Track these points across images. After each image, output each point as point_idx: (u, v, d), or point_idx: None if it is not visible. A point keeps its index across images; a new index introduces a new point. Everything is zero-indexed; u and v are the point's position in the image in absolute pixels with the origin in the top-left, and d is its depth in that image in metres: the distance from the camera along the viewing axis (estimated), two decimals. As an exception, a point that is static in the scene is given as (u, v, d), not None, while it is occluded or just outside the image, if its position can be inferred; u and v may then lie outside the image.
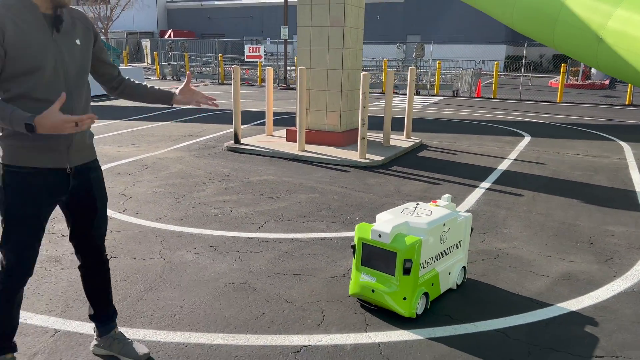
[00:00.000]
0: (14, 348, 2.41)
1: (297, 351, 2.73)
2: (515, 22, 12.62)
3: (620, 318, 3.16)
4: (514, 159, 7.98)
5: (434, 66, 20.31)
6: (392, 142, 8.69)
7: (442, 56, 23.37)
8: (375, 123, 10.99)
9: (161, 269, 3.72)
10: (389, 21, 39.81)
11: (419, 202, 3.53)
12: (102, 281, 2.57)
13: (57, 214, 4.61)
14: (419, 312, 3.09)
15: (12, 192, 2.13)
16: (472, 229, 3.64)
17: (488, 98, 18.68)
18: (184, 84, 2.54)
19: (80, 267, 2.55)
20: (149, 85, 2.57)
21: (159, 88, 2.58)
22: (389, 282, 3.04)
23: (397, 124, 10.64)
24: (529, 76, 27.76)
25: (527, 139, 9.95)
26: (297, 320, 3.04)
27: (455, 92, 19.79)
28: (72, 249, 3.96)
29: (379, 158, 7.49)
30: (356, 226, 3.23)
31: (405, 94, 19.69)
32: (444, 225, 3.25)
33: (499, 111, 14.65)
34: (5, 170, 2.13)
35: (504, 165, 7.52)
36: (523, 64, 18.88)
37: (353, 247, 3.21)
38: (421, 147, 8.89)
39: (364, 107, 7.26)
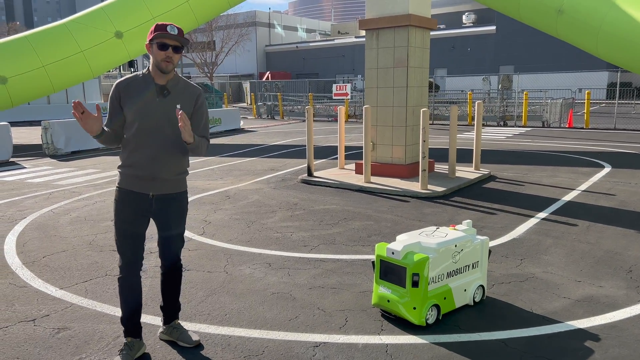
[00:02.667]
0: (138, 333, 3.17)
1: (316, 345, 3.28)
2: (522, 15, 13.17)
3: (625, 336, 3.34)
4: (583, 190, 7.92)
5: (522, 97, 19.99)
6: (459, 174, 8.98)
7: (534, 86, 22.86)
8: (447, 155, 11.27)
9: (223, 280, 4.47)
10: (480, 53, 39.44)
11: (439, 227, 3.97)
12: (174, 281, 3.31)
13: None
14: (430, 321, 3.52)
15: (116, 205, 3.01)
16: (489, 252, 3.98)
17: (580, 128, 18.02)
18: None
19: (160, 267, 3.29)
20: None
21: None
22: (401, 294, 3.52)
23: (470, 156, 10.84)
24: (632, 104, 26.11)
25: (606, 169, 9.70)
26: (323, 323, 3.60)
27: (545, 123, 19.28)
28: (155, 263, 4.85)
29: (440, 189, 7.85)
30: (376, 245, 3.75)
31: (491, 125, 19.55)
32: (455, 246, 3.66)
33: (587, 142, 14.19)
34: (116, 189, 3.04)
35: (569, 197, 7.52)
36: (617, 91, 18.00)
37: (373, 263, 3.73)
38: (489, 178, 9.07)
39: (425, 141, 7.72)
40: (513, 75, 21.30)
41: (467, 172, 9.21)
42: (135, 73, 3.02)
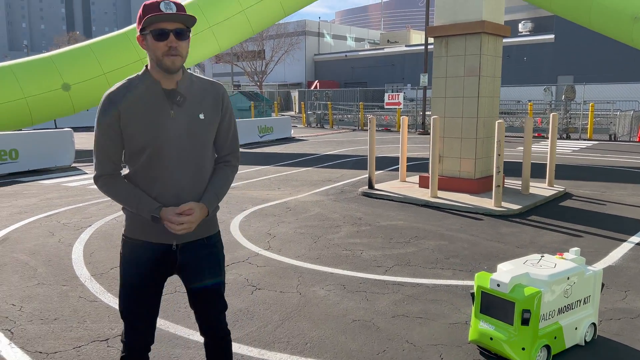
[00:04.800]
0: None
1: (413, 388, 2.93)
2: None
3: None
4: (675, 212, 7.23)
5: (587, 108, 18.99)
6: (532, 190, 8.42)
7: (597, 97, 21.72)
8: (515, 169, 10.68)
9: (297, 301, 4.18)
10: (537, 62, 38.09)
11: (543, 254, 3.54)
12: (223, 355, 2.39)
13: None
14: (540, 364, 3.09)
15: (124, 261, 2.17)
16: (602, 285, 3.52)
17: (652, 142, 16.89)
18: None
19: (204, 341, 2.40)
20: (211, 184, 2.19)
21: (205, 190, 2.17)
22: (508, 331, 3.11)
23: (541, 171, 10.22)
24: None
25: (695, 189, 8.89)
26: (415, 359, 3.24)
27: (613, 136, 18.22)
28: (226, 279, 4.62)
29: (515, 207, 7.33)
30: (476, 275, 3.36)
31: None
32: (567, 278, 3.23)
33: (663, 157, 13.20)
34: (123, 239, 2.18)
35: (661, 218, 6.86)
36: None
37: (472, 294, 3.34)
38: (565, 196, 8.46)
39: (499, 155, 7.24)
40: (577, 86, 20.29)
41: (541, 189, 8.62)
42: (128, 78, 2.07)
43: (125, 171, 2.13)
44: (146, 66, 2.10)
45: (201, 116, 2.09)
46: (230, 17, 17.01)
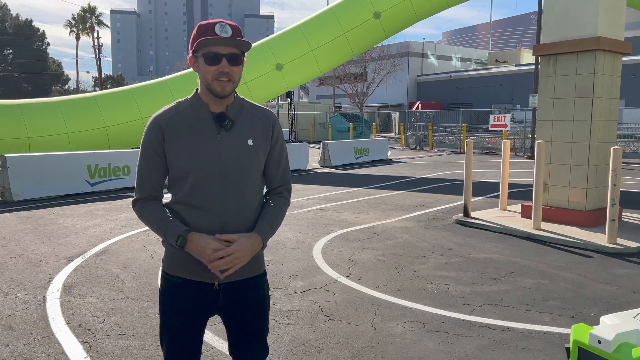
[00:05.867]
0: None
1: None
2: None
3: None
4: None
5: None
6: (655, 226, 7.38)
7: None
8: (636, 201, 9.49)
9: (370, 337, 3.91)
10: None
11: (662, 308, 2.95)
12: None
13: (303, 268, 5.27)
14: None
15: (163, 299, 2.02)
16: None
17: None
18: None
19: None
20: (263, 215, 2.03)
21: (257, 222, 2.01)
22: (611, 400, 2.60)
23: (666, 204, 8.98)
24: None
25: None
26: (496, 421, 2.82)
27: None
28: (300, 306, 4.48)
29: (633, 244, 6.44)
30: (572, 326, 2.88)
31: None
32: (693, 342, 2.64)
33: None
34: (162, 276, 2.04)
35: None
36: None
37: (567, 349, 2.85)
38: (698, 234, 7.29)
39: (615, 185, 6.42)
40: None
41: (667, 225, 7.52)
42: (177, 101, 2.00)
43: (166, 200, 2.01)
44: (197, 89, 2.01)
45: (249, 142, 1.97)
46: (331, 41, 17.28)
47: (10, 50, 61.06)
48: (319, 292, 4.90)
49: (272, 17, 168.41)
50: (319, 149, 18.74)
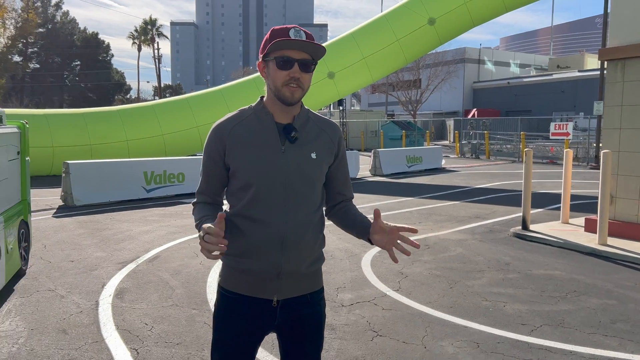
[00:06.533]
0: None
1: None
2: None
3: None
4: None
5: None
6: None
7: None
8: None
9: (420, 356, 3.72)
10: None
11: None
12: None
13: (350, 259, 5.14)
14: None
15: (218, 314, 1.94)
16: None
17: None
18: (373, 221, 1.93)
19: None
20: (359, 216, 2.04)
21: (362, 220, 2.01)
22: None
23: None
24: None
25: None
26: None
27: None
28: (347, 319, 4.36)
29: None
30: (646, 358, 2.61)
31: None
32: None
33: None
34: (218, 290, 1.98)
35: None
36: None
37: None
38: None
39: (691, 199, 5.91)
40: None
41: None
42: (241, 109, 1.94)
43: (224, 210, 1.94)
44: (261, 97, 1.95)
45: (313, 155, 1.90)
46: (384, 48, 17.12)
47: (78, 62, 64.59)
48: (367, 306, 4.75)
49: (326, 25, 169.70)
50: (370, 157, 18.56)
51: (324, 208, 2.05)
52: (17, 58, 54.10)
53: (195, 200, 2.00)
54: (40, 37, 59.62)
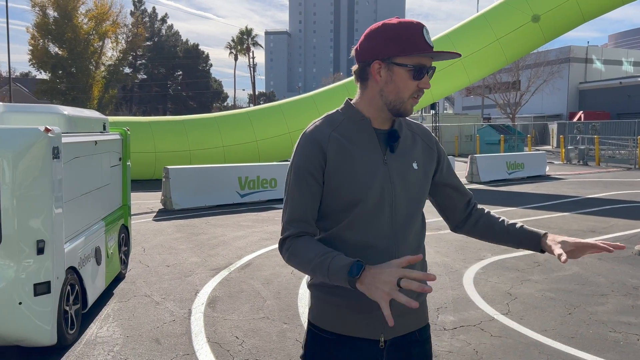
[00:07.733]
0: None
1: None
2: None
3: None
4: None
5: None
6: None
7: None
8: None
9: (540, 398, 3.21)
10: None
11: None
12: None
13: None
14: None
15: (310, 357, 1.65)
16: None
17: None
18: (562, 239, 1.67)
19: None
20: (509, 222, 1.81)
21: (523, 227, 1.77)
22: None
23: None
24: None
25: None
26: None
27: None
28: (450, 346, 3.92)
29: None
30: None
31: None
32: None
33: None
34: (308, 329, 1.67)
35: None
36: None
37: None
38: None
39: None
40: None
41: None
42: (328, 115, 1.66)
43: (325, 231, 1.63)
44: (348, 100, 1.67)
45: (415, 166, 1.67)
46: (483, 48, 16.21)
47: (180, 72, 68.73)
48: (472, 331, 4.27)
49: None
50: (465, 162, 17.64)
51: (454, 224, 1.87)
52: (127, 70, 58.59)
53: (287, 234, 1.57)
54: (147, 50, 64.26)
